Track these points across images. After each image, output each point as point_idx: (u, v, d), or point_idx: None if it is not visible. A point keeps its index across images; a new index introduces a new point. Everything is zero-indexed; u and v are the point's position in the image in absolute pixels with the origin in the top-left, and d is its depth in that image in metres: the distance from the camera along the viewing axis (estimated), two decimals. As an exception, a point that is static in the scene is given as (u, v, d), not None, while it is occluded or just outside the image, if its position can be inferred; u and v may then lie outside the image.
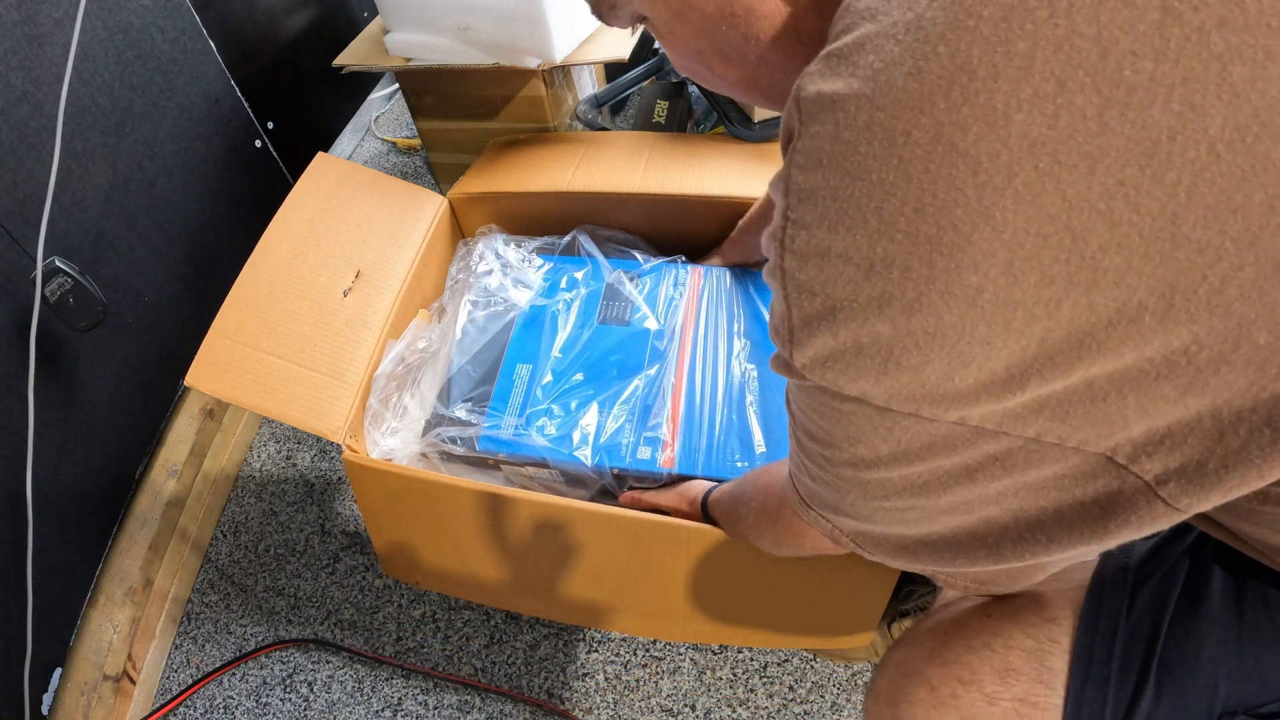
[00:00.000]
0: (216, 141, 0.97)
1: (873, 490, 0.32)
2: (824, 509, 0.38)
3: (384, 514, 0.71)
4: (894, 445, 0.29)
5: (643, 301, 0.83)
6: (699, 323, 0.81)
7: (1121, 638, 0.38)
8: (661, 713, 0.76)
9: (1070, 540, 0.29)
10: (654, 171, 0.88)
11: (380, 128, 1.46)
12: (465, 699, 0.79)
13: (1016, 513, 0.29)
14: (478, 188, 0.91)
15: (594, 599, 0.70)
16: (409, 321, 0.83)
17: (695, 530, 0.60)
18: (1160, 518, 0.27)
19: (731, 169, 0.88)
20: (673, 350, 0.79)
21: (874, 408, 0.28)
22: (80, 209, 0.77)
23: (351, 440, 0.70)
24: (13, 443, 0.69)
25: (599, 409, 0.74)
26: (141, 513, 0.88)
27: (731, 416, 0.73)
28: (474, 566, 0.71)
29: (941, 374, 0.25)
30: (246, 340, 0.70)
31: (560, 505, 0.63)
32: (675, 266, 0.86)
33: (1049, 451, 0.26)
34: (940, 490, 0.30)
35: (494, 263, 0.87)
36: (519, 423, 0.74)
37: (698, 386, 0.76)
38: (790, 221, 0.27)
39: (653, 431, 0.72)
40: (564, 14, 0.87)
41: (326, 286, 0.76)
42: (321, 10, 1.20)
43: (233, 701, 0.82)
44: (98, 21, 0.77)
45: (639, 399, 0.75)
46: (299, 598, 0.89)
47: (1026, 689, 0.38)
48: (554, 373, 0.78)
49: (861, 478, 0.32)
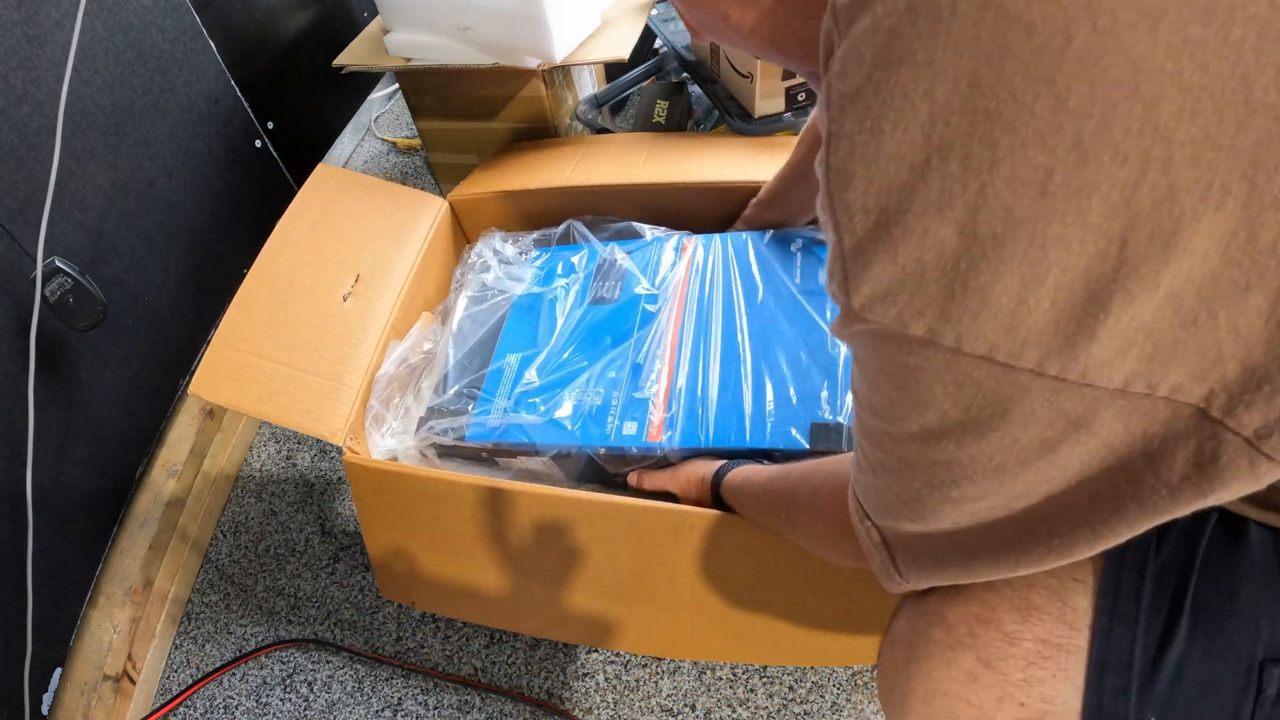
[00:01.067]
0: (216, 141, 0.97)
1: (941, 473, 0.30)
2: (882, 516, 0.35)
3: (382, 518, 0.71)
4: (964, 407, 0.26)
5: (635, 269, 0.81)
6: (698, 289, 0.78)
7: (1151, 573, 0.35)
8: (661, 713, 0.76)
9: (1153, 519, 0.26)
10: (654, 164, 0.88)
11: (380, 128, 1.46)
12: (465, 699, 0.79)
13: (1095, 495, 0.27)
14: (478, 189, 0.91)
15: (596, 604, 0.68)
16: (410, 324, 0.83)
17: (699, 516, 0.60)
18: (1263, 476, 0.24)
19: (732, 159, 0.87)
20: (665, 315, 0.76)
21: (943, 352, 0.25)
22: (80, 209, 0.77)
23: (352, 442, 0.70)
24: (13, 443, 0.69)
25: (585, 385, 0.72)
26: (141, 513, 0.88)
27: (736, 384, 0.70)
28: (472, 571, 0.70)
29: (1014, 295, 0.23)
30: (249, 348, 0.71)
31: (557, 495, 0.63)
32: (670, 236, 0.84)
33: (1137, 406, 0.24)
34: (1018, 469, 0.27)
35: (491, 259, 0.88)
36: (507, 406, 0.72)
37: (697, 355, 0.72)
38: (833, 136, 0.25)
39: (639, 405, 0.69)
40: (564, 14, 0.87)
41: (327, 292, 0.76)
42: (321, 10, 1.20)
43: (233, 701, 0.82)
44: (98, 21, 0.77)
45: (626, 368, 0.72)
46: (299, 598, 0.89)
47: (1049, 629, 0.35)
48: (545, 359, 0.76)
49: (930, 457, 0.29)
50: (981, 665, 0.36)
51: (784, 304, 0.75)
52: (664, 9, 1.18)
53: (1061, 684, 0.34)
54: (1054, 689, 0.35)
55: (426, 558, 0.71)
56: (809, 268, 0.78)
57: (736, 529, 0.60)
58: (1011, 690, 0.35)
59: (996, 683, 0.35)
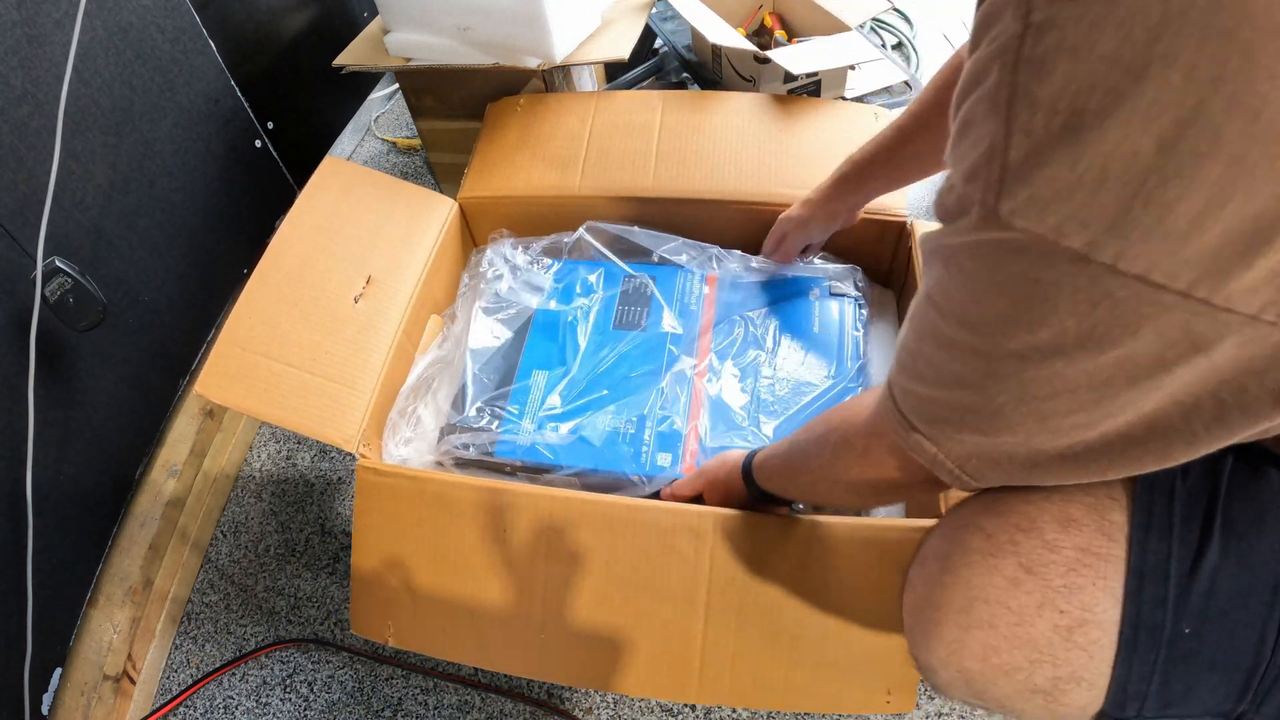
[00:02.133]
0: (216, 141, 0.97)
1: (1036, 388, 0.29)
2: (939, 427, 0.35)
3: (381, 530, 0.68)
4: (1090, 325, 0.26)
5: (661, 301, 0.83)
6: (719, 326, 0.81)
7: (1180, 496, 0.36)
8: (661, 713, 0.76)
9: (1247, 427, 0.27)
10: (666, 165, 0.87)
11: (380, 128, 1.46)
12: (465, 699, 0.79)
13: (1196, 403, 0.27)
14: (487, 189, 0.90)
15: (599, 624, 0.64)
16: (420, 327, 0.83)
17: (716, 518, 0.60)
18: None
19: (747, 155, 0.86)
20: (692, 353, 0.79)
21: (1092, 268, 0.24)
22: (80, 209, 0.77)
23: (365, 449, 0.69)
24: (13, 443, 0.69)
25: (617, 415, 0.74)
26: (141, 513, 0.88)
27: (757, 419, 0.73)
28: (470, 587, 0.65)
29: (1192, 217, 0.22)
30: (257, 348, 0.69)
31: (569, 498, 0.63)
32: (692, 270, 0.86)
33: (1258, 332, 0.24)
34: (1123, 385, 0.27)
35: (503, 267, 0.87)
36: (536, 429, 0.74)
37: (720, 391, 0.76)
38: (1033, 27, 0.24)
39: (672, 437, 0.72)
40: (564, 14, 0.87)
41: (337, 293, 0.75)
42: (321, 10, 1.20)
43: (233, 701, 0.82)
44: (98, 21, 0.77)
45: (657, 404, 0.75)
46: (299, 598, 0.89)
47: (1089, 539, 0.36)
48: (571, 379, 0.78)
49: (1028, 373, 0.29)
50: (1023, 571, 0.37)
51: (807, 345, 0.79)
52: (664, 8, 1.18)
53: (1101, 593, 0.35)
54: (1094, 597, 0.35)
55: (421, 576, 0.67)
56: (826, 317, 0.81)
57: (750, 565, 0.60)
58: (1052, 596, 0.36)
59: (1038, 588, 0.36)
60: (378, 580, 0.68)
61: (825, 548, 0.61)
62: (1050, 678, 0.37)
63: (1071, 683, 0.37)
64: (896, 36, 1.44)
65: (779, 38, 1.11)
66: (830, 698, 0.61)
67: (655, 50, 1.27)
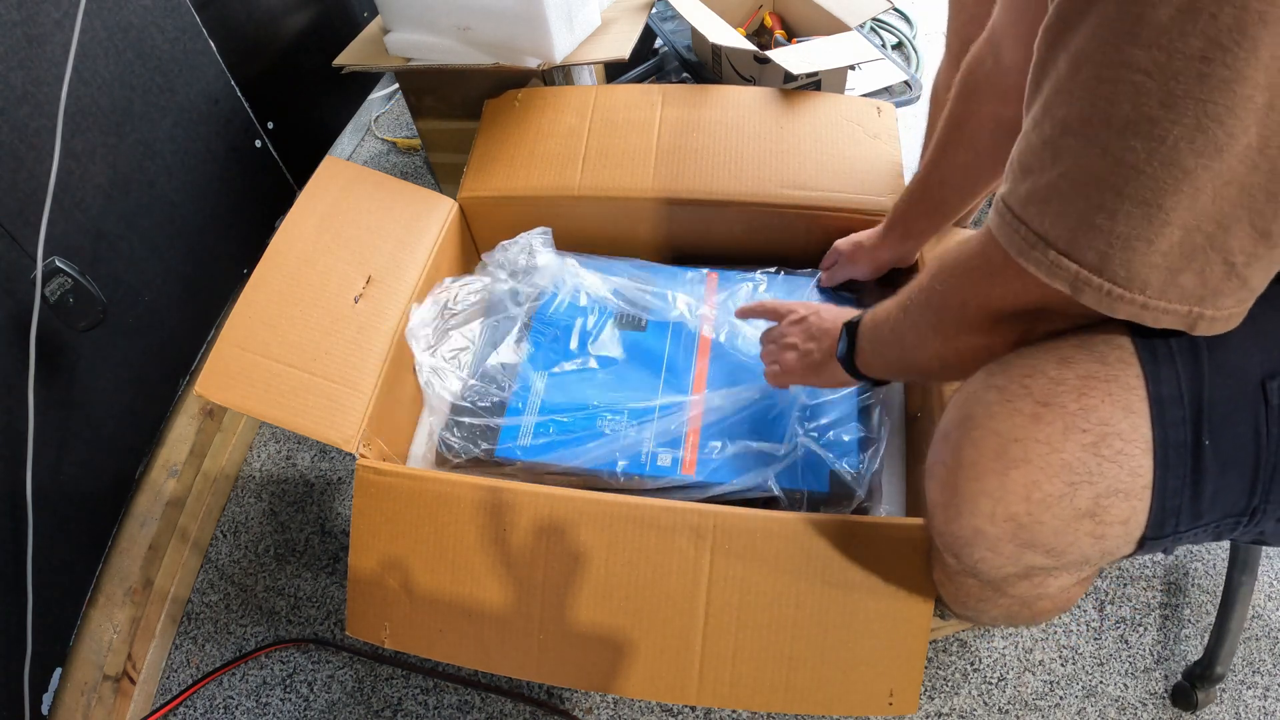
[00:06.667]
0: (216, 141, 0.97)
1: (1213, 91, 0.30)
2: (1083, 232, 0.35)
3: (379, 529, 0.67)
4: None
5: (661, 300, 0.83)
6: (720, 330, 0.81)
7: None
8: (661, 713, 0.76)
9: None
10: (666, 165, 0.87)
11: (380, 128, 1.46)
12: (465, 699, 0.79)
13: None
14: (487, 189, 0.89)
15: (600, 623, 0.63)
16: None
17: (716, 517, 0.60)
18: None
19: (748, 153, 0.86)
20: (693, 352, 0.79)
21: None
22: (80, 209, 0.77)
23: (364, 449, 0.69)
24: (13, 443, 0.69)
25: (617, 413, 0.75)
26: (141, 513, 0.88)
27: (763, 426, 0.73)
28: (468, 586, 0.65)
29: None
30: (256, 348, 0.69)
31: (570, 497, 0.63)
32: (692, 271, 0.86)
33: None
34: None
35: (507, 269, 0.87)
36: (536, 429, 0.74)
37: (726, 396, 0.76)
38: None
39: (673, 439, 0.73)
40: (564, 14, 0.87)
41: (337, 292, 0.75)
42: (321, 10, 1.20)
43: (233, 701, 0.82)
44: (98, 21, 0.77)
45: (657, 400, 0.75)
46: (299, 598, 0.89)
47: (1088, 368, 0.40)
48: (572, 380, 0.78)
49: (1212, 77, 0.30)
50: (1040, 405, 0.40)
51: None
52: (663, 8, 1.18)
53: (1112, 408, 0.39)
54: (1109, 412, 0.39)
55: (419, 576, 0.66)
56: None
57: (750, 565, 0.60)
58: (1072, 419, 0.39)
59: (1058, 416, 0.40)
60: (375, 580, 0.67)
61: (825, 547, 0.61)
62: (1091, 496, 0.39)
63: (1111, 496, 0.39)
64: (896, 36, 1.44)
65: (779, 38, 1.11)
66: (831, 699, 0.60)
67: (655, 50, 1.27)
